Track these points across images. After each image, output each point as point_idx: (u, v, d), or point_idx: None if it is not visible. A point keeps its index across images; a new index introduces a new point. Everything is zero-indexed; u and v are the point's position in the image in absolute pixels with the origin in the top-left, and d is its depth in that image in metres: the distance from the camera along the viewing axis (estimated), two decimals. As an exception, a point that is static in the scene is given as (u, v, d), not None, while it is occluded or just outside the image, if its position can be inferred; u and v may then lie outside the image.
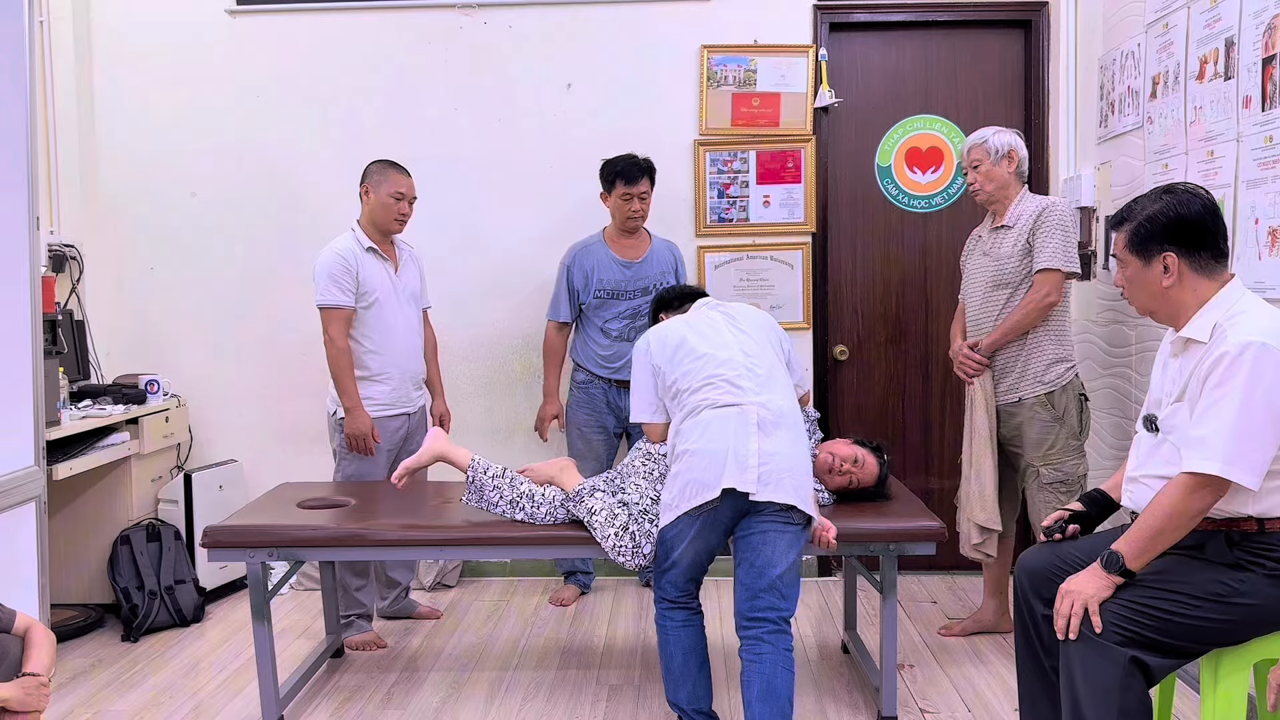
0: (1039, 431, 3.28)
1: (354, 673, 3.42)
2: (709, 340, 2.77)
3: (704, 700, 2.71)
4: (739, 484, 2.56)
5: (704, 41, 4.24)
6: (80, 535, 3.91)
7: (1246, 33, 2.75)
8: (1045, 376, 3.27)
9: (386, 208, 3.57)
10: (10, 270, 2.94)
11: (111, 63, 4.34)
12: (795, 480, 2.62)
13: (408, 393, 3.67)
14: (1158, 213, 2.12)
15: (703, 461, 2.60)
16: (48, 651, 2.20)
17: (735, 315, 2.88)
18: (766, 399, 2.67)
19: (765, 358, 2.77)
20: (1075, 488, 3.24)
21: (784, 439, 2.65)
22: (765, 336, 2.85)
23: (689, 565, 2.68)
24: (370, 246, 3.57)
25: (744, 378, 2.69)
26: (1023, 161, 3.37)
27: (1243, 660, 2.08)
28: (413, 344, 3.69)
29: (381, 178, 3.58)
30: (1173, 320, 2.17)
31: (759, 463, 2.58)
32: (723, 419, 2.63)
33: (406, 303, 3.68)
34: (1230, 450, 1.97)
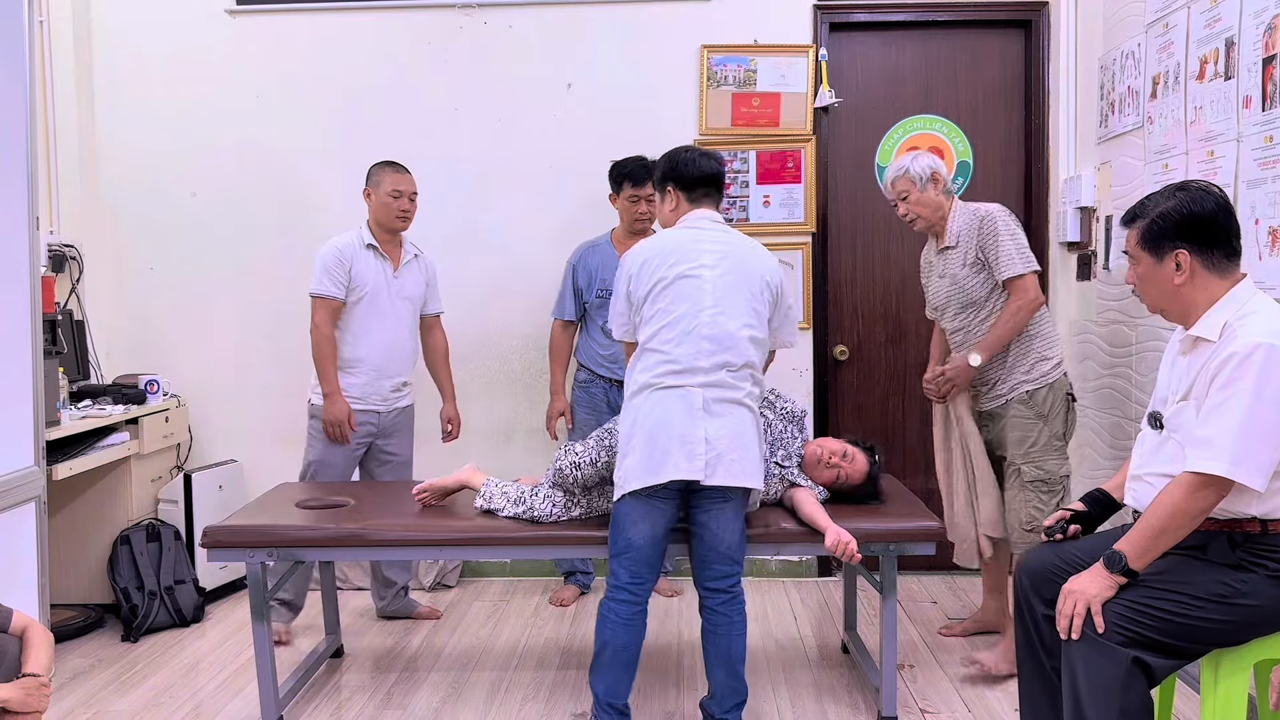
0: (1021, 429, 3.22)
1: (354, 673, 3.42)
2: (685, 296, 2.68)
3: (620, 696, 2.73)
4: (686, 473, 2.62)
5: (704, 41, 4.24)
6: (80, 535, 3.91)
7: (1246, 33, 2.75)
8: (1029, 374, 3.22)
9: (386, 206, 3.62)
10: (10, 270, 2.94)
11: (111, 63, 4.34)
12: (744, 457, 2.66)
13: (381, 391, 3.69)
14: (1171, 210, 2.12)
15: (649, 446, 2.65)
16: (46, 651, 2.19)
17: (725, 260, 2.73)
18: (720, 376, 2.66)
19: (735, 322, 2.68)
20: (1057, 488, 3.19)
21: (732, 419, 2.66)
22: (746, 293, 2.72)
23: (642, 545, 2.68)
24: (370, 244, 3.63)
25: (702, 355, 2.65)
26: (947, 179, 3.32)
27: (1243, 661, 2.08)
28: (396, 345, 3.70)
29: (380, 178, 3.64)
30: (1183, 318, 2.16)
31: (706, 449, 2.61)
32: (669, 401, 2.65)
33: (400, 304, 3.70)
34: (1237, 451, 1.97)
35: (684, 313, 2.67)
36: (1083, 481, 3.83)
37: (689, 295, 2.69)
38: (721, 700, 2.75)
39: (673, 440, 2.62)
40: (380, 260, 3.65)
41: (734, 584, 2.73)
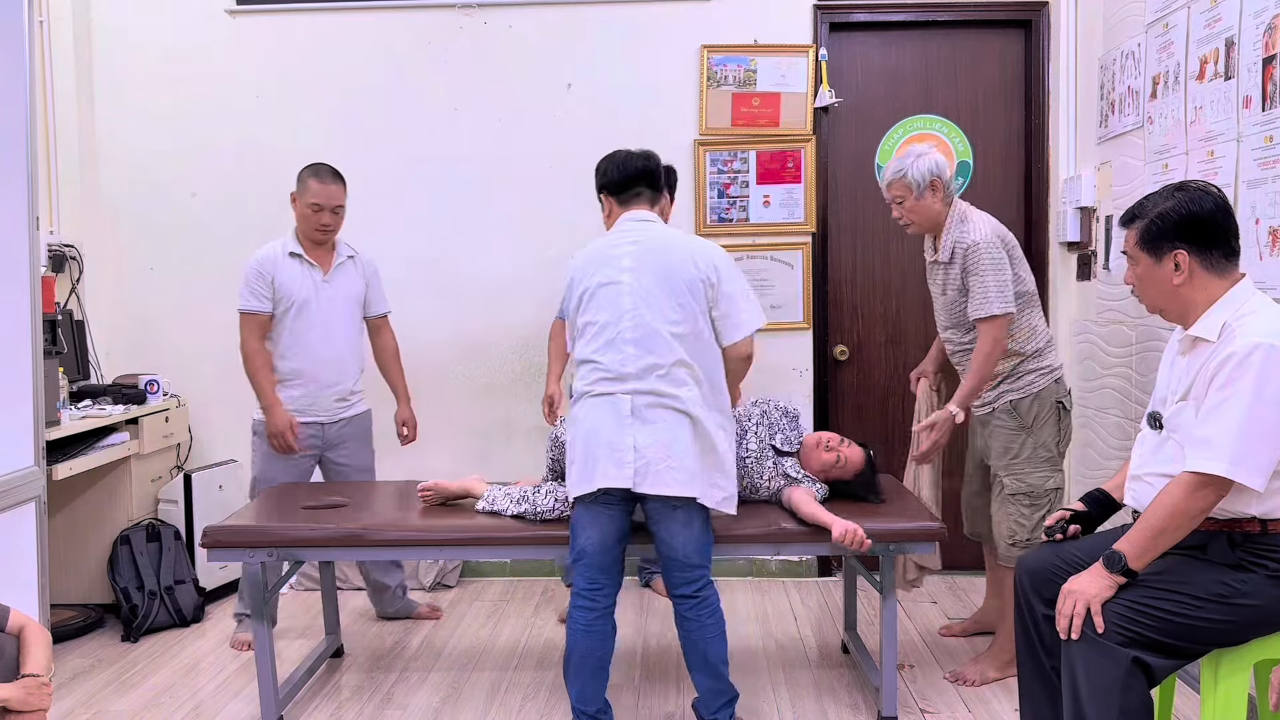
0: (1004, 440, 3.13)
1: (354, 673, 3.42)
2: (606, 304, 2.67)
3: (590, 702, 2.72)
4: (614, 480, 2.60)
5: (704, 41, 4.24)
6: (80, 535, 3.91)
7: (1246, 33, 2.75)
8: (1015, 384, 3.12)
9: (305, 219, 3.53)
10: (10, 270, 2.94)
11: (111, 63, 4.34)
12: (677, 466, 2.60)
13: (321, 403, 3.59)
14: (1170, 210, 2.12)
15: (583, 454, 2.66)
16: (44, 651, 2.19)
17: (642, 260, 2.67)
18: (652, 381, 2.61)
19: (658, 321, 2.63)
20: (1041, 501, 3.08)
21: (664, 426, 2.61)
22: (667, 290, 2.64)
23: (594, 552, 2.69)
24: (294, 252, 3.54)
25: (628, 360, 2.63)
26: (949, 183, 3.15)
27: (1243, 661, 2.08)
28: (333, 353, 3.59)
29: (304, 186, 3.52)
30: (1182, 318, 2.16)
31: (635, 457, 2.59)
32: (599, 409, 2.65)
33: (334, 310, 3.58)
34: (1236, 451, 1.97)
35: (606, 321, 2.67)
36: (1083, 481, 3.83)
37: (610, 303, 2.67)
38: (708, 702, 2.74)
39: (601, 448, 2.62)
40: (307, 267, 3.54)
41: (698, 589, 2.70)
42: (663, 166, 2.94)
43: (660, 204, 2.89)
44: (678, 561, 2.68)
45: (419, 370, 4.34)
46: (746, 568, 4.40)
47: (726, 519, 2.95)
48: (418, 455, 4.12)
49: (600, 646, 2.70)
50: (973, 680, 3.20)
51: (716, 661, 2.70)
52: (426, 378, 4.32)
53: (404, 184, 4.32)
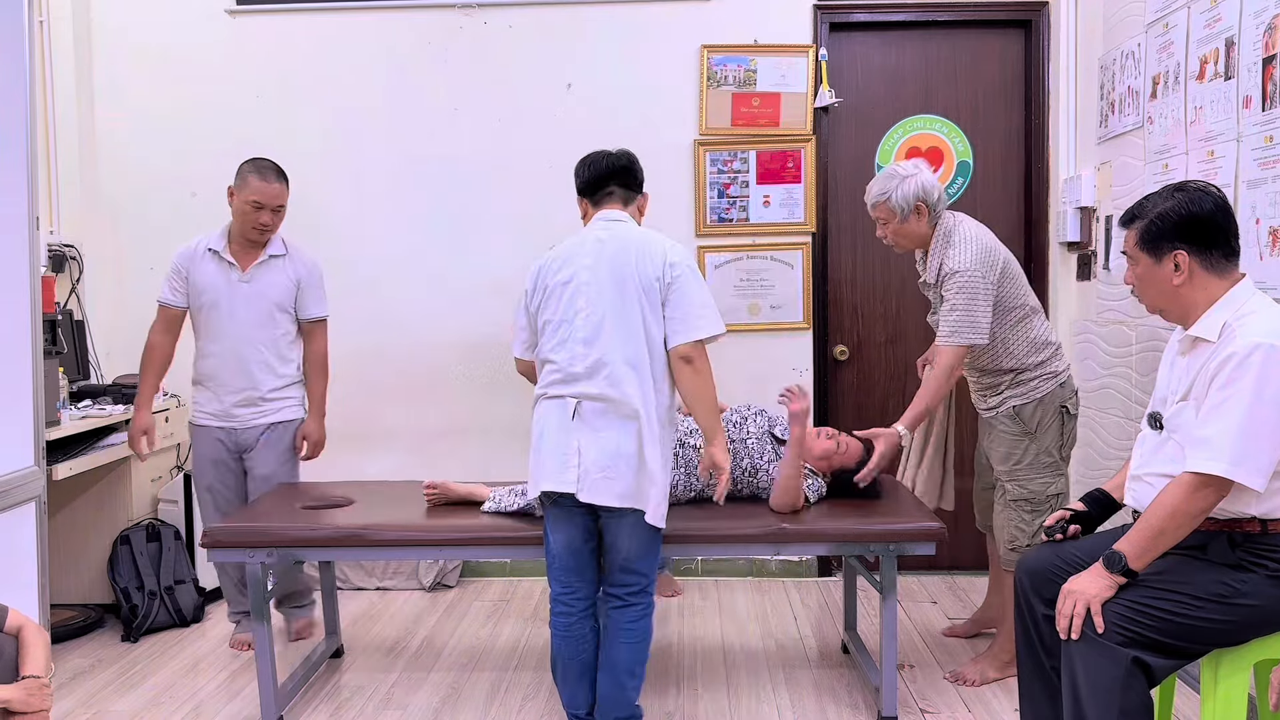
0: (1006, 445, 3.10)
1: (354, 673, 3.42)
2: (568, 302, 2.65)
3: (581, 705, 2.73)
4: (560, 485, 2.60)
5: (704, 41, 4.24)
6: (80, 535, 3.91)
7: (1246, 32, 2.75)
8: (1017, 389, 3.07)
9: (244, 215, 3.38)
10: (10, 270, 2.94)
11: (111, 63, 4.34)
12: (618, 475, 2.57)
13: (228, 409, 3.45)
14: (1169, 210, 2.12)
15: (534, 456, 2.68)
16: (43, 651, 2.18)
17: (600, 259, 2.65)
18: (600, 383, 2.59)
19: (609, 320, 2.60)
20: (1043, 508, 3.05)
21: (611, 434, 2.58)
22: (620, 289, 2.61)
23: (562, 555, 2.71)
24: (211, 249, 3.42)
25: (578, 359, 2.61)
26: (936, 204, 3.06)
27: (1243, 661, 2.08)
28: (239, 358, 3.42)
29: (244, 181, 3.38)
30: (1182, 319, 2.16)
31: (579, 463, 2.58)
32: (551, 412, 2.65)
33: (251, 311, 3.41)
34: (1237, 451, 1.97)
35: (560, 319, 2.66)
36: (1083, 482, 3.83)
37: (565, 300, 2.66)
38: (604, 711, 2.70)
39: (549, 452, 2.63)
40: (224, 265, 3.41)
41: (630, 593, 2.68)
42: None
43: (636, 203, 2.85)
44: (619, 564, 2.68)
45: (420, 370, 4.35)
46: (746, 568, 4.40)
47: (727, 518, 2.95)
48: (419, 456, 4.12)
49: (582, 650, 2.71)
50: (973, 680, 3.20)
51: (621, 669, 2.66)
52: (427, 377, 4.32)
53: (404, 184, 4.32)
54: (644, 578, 2.69)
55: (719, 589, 4.24)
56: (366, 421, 4.33)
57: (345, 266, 4.32)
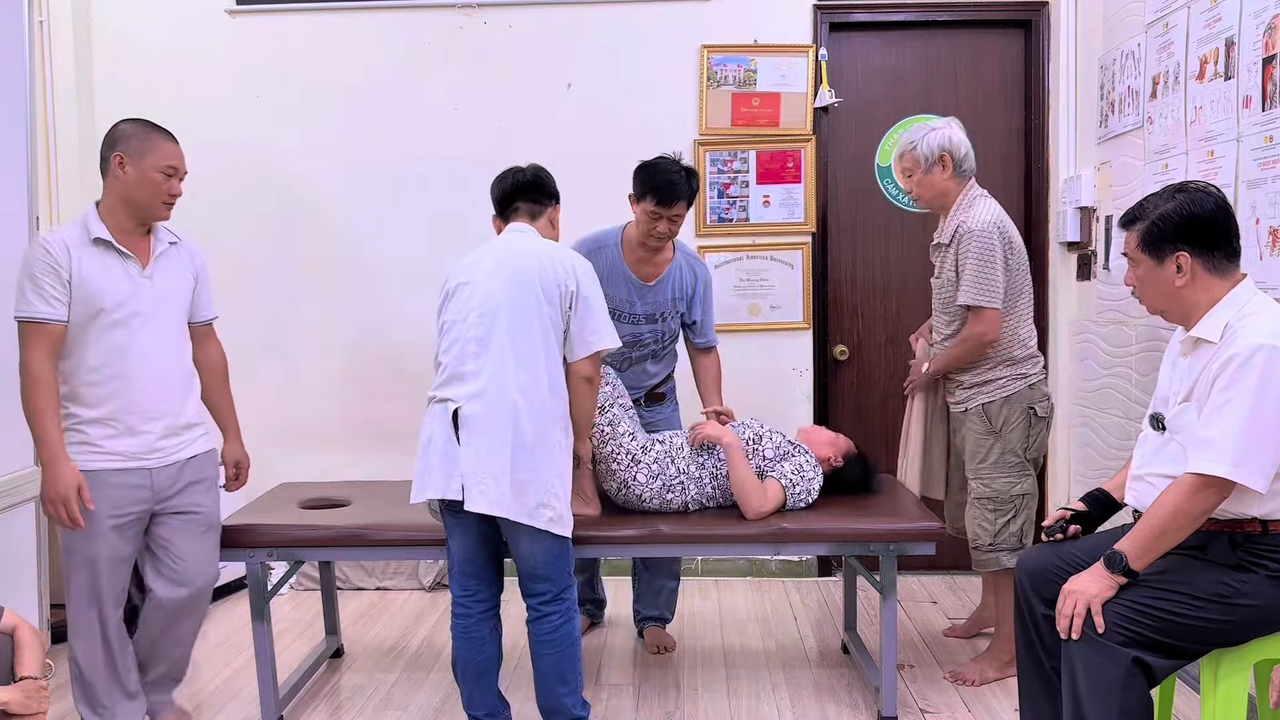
0: (973, 443, 3.15)
1: (354, 673, 3.42)
2: (464, 301, 2.65)
3: (479, 706, 2.75)
4: (443, 492, 2.59)
5: (704, 41, 4.24)
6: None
7: (1246, 32, 2.75)
8: (985, 387, 3.11)
9: (153, 186, 2.62)
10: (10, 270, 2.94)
11: (111, 63, 4.34)
12: (495, 484, 2.54)
13: (148, 443, 2.66)
14: (1171, 211, 2.11)
15: (424, 461, 2.66)
16: (38, 652, 2.18)
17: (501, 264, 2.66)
18: (482, 383, 2.57)
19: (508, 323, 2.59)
20: (1007, 507, 3.09)
21: (486, 440, 2.55)
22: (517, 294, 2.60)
23: (462, 560, 2.71)
24: (100, 237, 2.59)
25: (468, 357, 2.60)
26: (962, 160, 3.11)
27: (1243, 661, 2.08)
28: (161, 373, 2.68)
29: (146, 145, 2.62)
30: (1184, 320, 2.16)
31: (461, 470, 2.57)
32: (437, 417, 2.64)
33: (159, 315, 2.69)
34: (1239, 452, 1.97)
35: (454, 319, 2.66)
36: (1083, 482, 3.83)
37: (462, 302, 2.66)
38: (545, 716, 2.73)
39: (435, 457, 2.61)
40: (119, 258, 2.62)
41: (540, 601, 2.67)
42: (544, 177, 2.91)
43: (545, 215, 2.88)
44: (525, 570, 2.67)
45: (420, 371, 4.33)
46: (746, 568, 4.40)
47: (727, 519, 2.95)
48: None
49: (479, 652, 2.71)
50: (972, 680, 3.20)
51: (549, 678, 2.66)
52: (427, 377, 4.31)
53: (404, 184, 4.32)
54: (554, 584, 2.66)
55: (719, 589, 4.24)
56: (366, 422, 4.33)
57: (344, 266, 4.33)
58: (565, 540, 2.67)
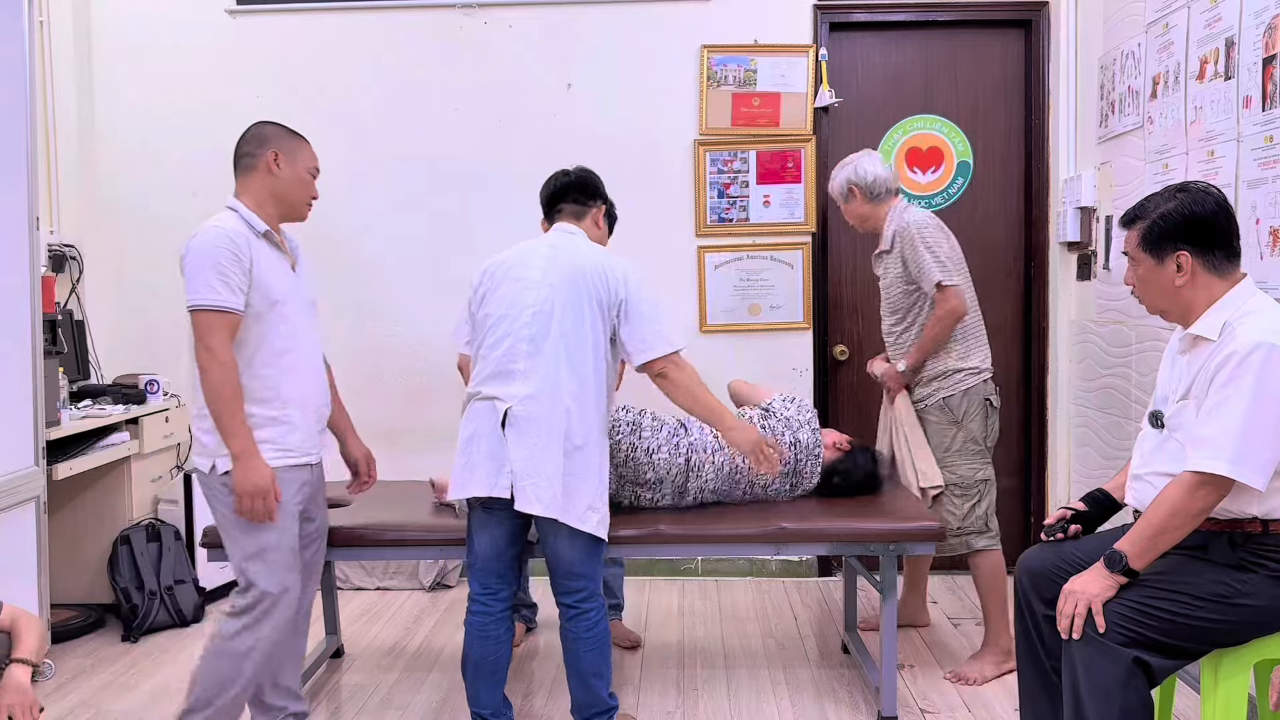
0: (937, 435, 3.30)
1: (354, 673, 3.42)
2: (514, 298, 2.65)
3: (486, 705, 2.73)
4: (492, 490, 2.59)
5: (704, 41, 4.24)
6: (80, 535, 3.91)
7: (1247, 33, 2.75)
8: (945, 382, 3.28)
9: (305, 186, 2.69)
10: (10, 270, 2.94)
11: (111, 63, 4.34)
12: (546, 485, 2.55)
13: (314, 434, 2.73)
14: (1172, 211, 2.11)
15: (465, 457, 2.65)
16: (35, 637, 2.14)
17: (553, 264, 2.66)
18: (533, 390, 2.57)
19: (557, 327, 2.59)
20: (972, 491, 3.25)
21: (537, 440, 2.55)
22: (572, 297, 2.62)
23: (486, 557, 2.70)
24: (266, 231, 2.63)
25: (519, 357, 2.61)
26: (870, 186, 3.32)
27: (1243, 661, 2.08)
28: (319, 367, 2.78)
29: (296, 145, 2.69)
30: (1183, 319, 2.16)
31: (511, 468, 2.57)
32: (483, 415, 2.63)
33: (308, 310, 2.74)
34: (1237, 450, 1.97)
35: (504, 314, 2.65)
36: (1083, 482, 3.84)
37: (513, 297, 2.66)
38: (580, 709, 2.74)
39: (481, 455, 2.61)
40: (279, 254, 2.67)
41: (579, 599, 2.67)
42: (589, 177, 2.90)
43: (589, 215, 2.88)
44: (560, 569, 2.67)
45: (419, 369, 4.35)
46: (746, 568, 4.40)
47: (727, 519, 2.95)
48: (421, 457, 4.12)
49: (495, 650, 2.71)
50: (974, 679, 3.21)
51: (588, 674, 2.68)
52: (428, 379, 4.32)
53: (403, 183, 4.32)
54: (590, 582, 2.68)
55: (719, 589, 4.24)
56: (364, 421, 4.30)
57: (344, 266, 4.33)
58: (601, 539, 2.68)
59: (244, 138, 2.69)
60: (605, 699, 2.72)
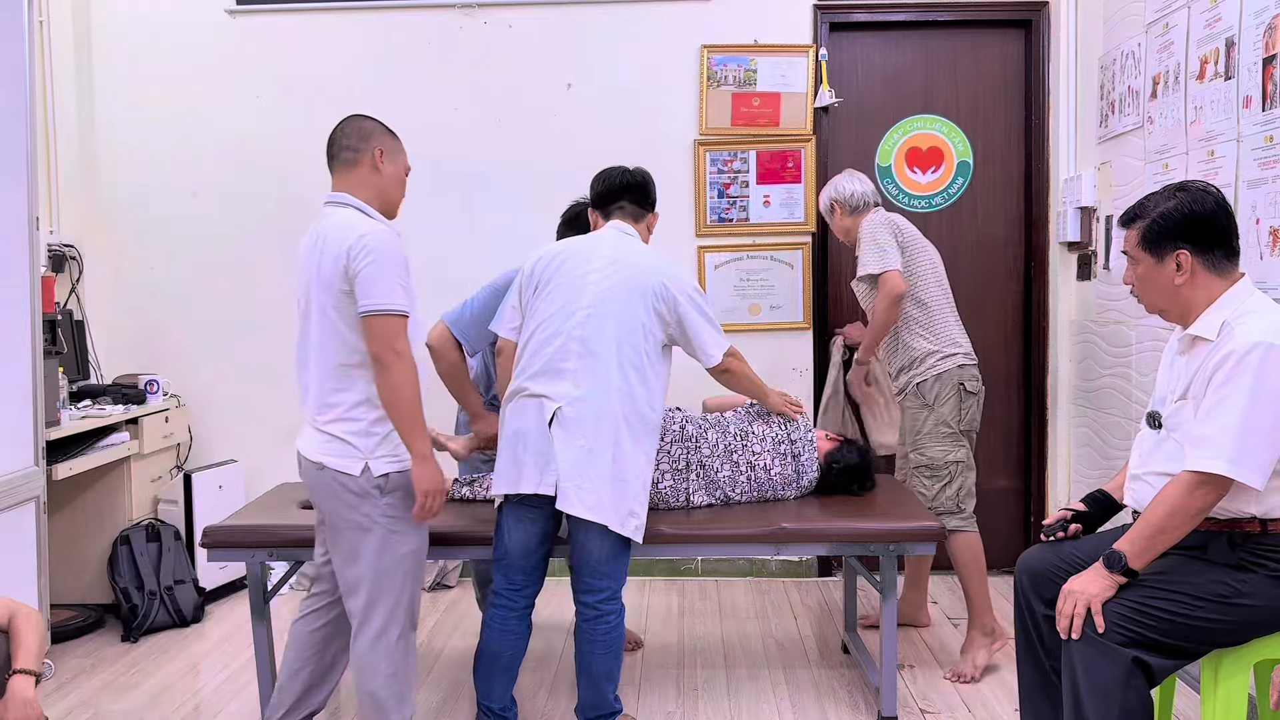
0: (910, 419, 3.42)
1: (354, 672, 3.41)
2: (568, 296, 2.65)
3: (498, 699, 2.74)
4: (538, 487, 2.58)
5: (704, 41, 4.24)
6: (80, 535, 3.91)
7: (1247, 32, 2.75)
8: (918, 369, 3.38)
9: (402, 185, 2.67)
10: (10, 270, 2.94)
11: (111, 63, 4.34)
12: (592, 488, 2.55)
13: None
14: (1172, 210, 2.11)
15: (510, 453, 2.64)
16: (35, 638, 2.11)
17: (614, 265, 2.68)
18: (584, 391, 2.58)
19: (611, 325, 2.61)
20: (943, 473, 3.32)
21: (584, 442, 2.56)
22: (628, 300, 2.63)
23: (517, 554, 2.70)
24: None
25: (570, 357, 2.61)
26: (849, 199, 3.49)
27: (1243, 661, 2.08)
28: None
29: (394, 144, 2.65)
30: (1182, 318, 2.16)
31: (557, 467, 2.56)
32: (528, 413, 2.62)
33: None
34: (1236, 449, 1.96)
35: (559, 310, 2.65)
36: (1082, 482, 3.84)
37: (571, 293, 2.66)
38: (585, 710, 2.74)
39: (528, 454, 2.61)
40: None
41: (600, 600, 2.66)
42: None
43: (645, 221, 2.89)
44: (587, 569, 2.66)
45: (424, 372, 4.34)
46: (746, 568, 4.40)
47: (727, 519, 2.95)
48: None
49: (513, 646, 2.72)
50: (970, 674, 3.24)
51: (599, 676, 2.68)
52: (431, 378, 4.31)
53: (404, 184, 4.32)
54: (614, 583, 2.68)
55: (719, 589, 4.24)
56: (366, 421, 4.32)
57: (345, 266, 4.32)
58: (629, 542, 2.68)
59: (343, 131, 2.59)
60: (611, 701, 2.72)
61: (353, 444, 2.48)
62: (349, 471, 2.47)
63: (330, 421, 2.50)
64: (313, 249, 2.51)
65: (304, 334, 2.59)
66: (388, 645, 2.54)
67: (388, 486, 2.48)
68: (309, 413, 2.57)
